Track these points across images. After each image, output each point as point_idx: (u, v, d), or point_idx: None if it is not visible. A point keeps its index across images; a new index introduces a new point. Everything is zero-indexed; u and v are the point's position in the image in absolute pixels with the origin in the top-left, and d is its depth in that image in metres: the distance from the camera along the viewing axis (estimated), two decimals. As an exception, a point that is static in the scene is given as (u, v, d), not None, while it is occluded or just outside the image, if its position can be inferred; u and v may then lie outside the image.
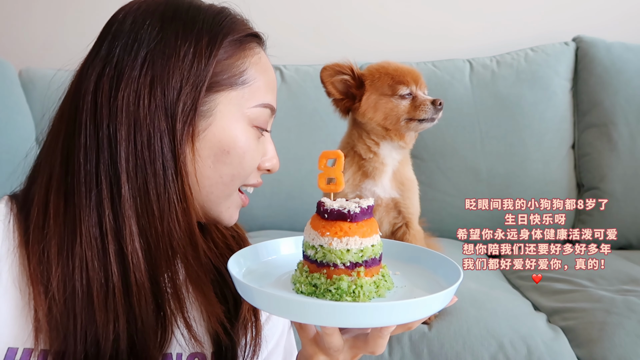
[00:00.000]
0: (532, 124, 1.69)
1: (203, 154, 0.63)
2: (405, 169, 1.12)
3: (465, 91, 1.74)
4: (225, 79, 0.64)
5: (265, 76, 0.68)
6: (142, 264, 0.61)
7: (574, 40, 1.81)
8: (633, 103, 1.66)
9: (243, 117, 0.65)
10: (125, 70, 0.60)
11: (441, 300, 0.53)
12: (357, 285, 0.53)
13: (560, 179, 1.70)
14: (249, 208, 0.75)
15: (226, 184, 0.66)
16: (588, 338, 1.04)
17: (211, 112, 0.63)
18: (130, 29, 0.62)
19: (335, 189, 0.56)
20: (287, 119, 1.74)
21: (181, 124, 0.61)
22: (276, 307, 0.52)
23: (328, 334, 0.56)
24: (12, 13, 2.03)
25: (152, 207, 0.61)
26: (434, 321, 1.06)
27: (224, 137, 0.64)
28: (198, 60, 0.62)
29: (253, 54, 0.67)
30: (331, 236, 0.54)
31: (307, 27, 2.00)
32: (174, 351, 0.69)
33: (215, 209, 0.67)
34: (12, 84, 1.66)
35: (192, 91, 0.61)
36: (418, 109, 1.05)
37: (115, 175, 0.60)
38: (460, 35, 1.98)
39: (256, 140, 0.67)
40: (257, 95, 0.66)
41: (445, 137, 1.71)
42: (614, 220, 1.63)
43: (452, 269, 0.60)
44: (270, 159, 0.71)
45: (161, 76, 0.61)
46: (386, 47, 1.97)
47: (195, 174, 0.63)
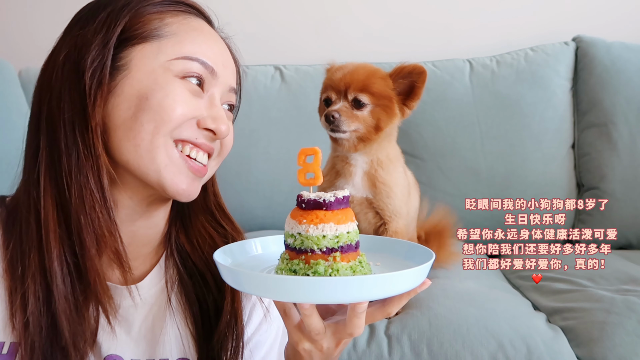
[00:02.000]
0: (532, 124, 1.69)
1: (123, 107, 0.64)
2: (382, 171, 1.11)
3: (465, 91, 1.74)
4: (140, 33, 0.66)
5: (193, 34, 0.68)
6: (52, 225, 0.63)
7: (574, 40, 1.81)
8: (633, 103, 1.66)
9: (163, 68, 0.65)
10: (55, 49, 0.67)
11: (411, 277, 0.55)
12: (334, 269, 0.56)
13: (560, 179, 1.70)
14: (248, 208, 0.75)
15: (149, 132, 0.64)
16: (588, 338, 1.04)
17: (127, 66, 0.65)
18: (73, 18, 0.68)
19: (313, 182, 0.59)
20: (287, 119, 1.74)
21: (89, 79, 0.63)
22: (253, 286, 0.55)
23: (306, 315, 0.56)
24: (12, 13, 2.04)
25: (62, 163, 0.63)
26: (434, 319, 1.05)
27: (141, 85, 0.64)
28: (109, 20, 0.65)
29: (179, 15, 0.69)
30: (307, 223, 0.57)
31: (307, 27, 2.00)
32: (159, 357, 0.70)
33: (151, 168, 0.65)
34: (12, 84, 1.66)
35: (99, 45, 0.64)
36: (321, 115, 1.08)
37: (38, 147, 0.65)
38: (460, 35, 1.98)
39: (187, 91, 0.66)
40: (179, 47, 0.66)
41: (445, 137, 1.71)
42: (614, 220, 1.63)
43: (425, 254, 0.62)
44: (214, 119, 0.68)
45: (76, 42, 0.65)
46: (386, 47, 1.97)
47: (115, 128, 0.65)
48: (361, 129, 1.06)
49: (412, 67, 1.07)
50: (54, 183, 0.63)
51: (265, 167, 1.72)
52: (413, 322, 1.05)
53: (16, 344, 0.63)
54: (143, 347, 0.71)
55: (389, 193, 1.11)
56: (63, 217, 0.63)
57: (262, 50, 1.93)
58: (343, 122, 1.04)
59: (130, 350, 0.70)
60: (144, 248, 0.74)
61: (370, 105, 1.06)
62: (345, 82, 1.06)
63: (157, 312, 0.72)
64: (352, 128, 1.05)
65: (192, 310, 0.72)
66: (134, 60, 0.65)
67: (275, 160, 1.72)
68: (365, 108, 1.06)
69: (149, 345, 0.71)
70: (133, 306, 0.71)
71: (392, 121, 1.09)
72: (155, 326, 0.71)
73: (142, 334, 0.71)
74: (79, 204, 0.62)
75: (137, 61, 0.65)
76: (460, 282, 1.22)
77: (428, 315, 1.06)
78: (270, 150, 1.73)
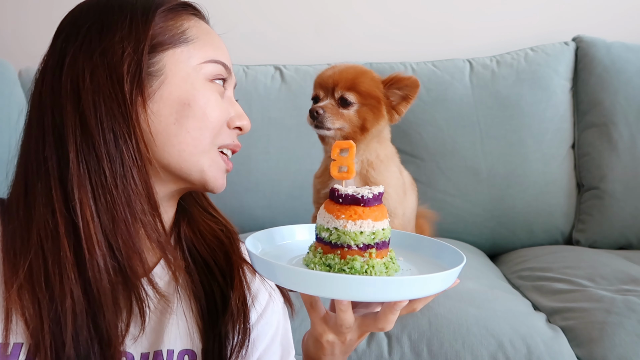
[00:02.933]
0: (532, 124, 1.69)
1: (164, 112, 0.65)
2: (373, 172, 1.11)
3: (465, 91, 1.74)
4: (168, 38, 0.66)
5: (209, 37, 0.70)
6: (94, 235, 0.61)
7: (574, 40, 1.81)
8: (633, 103, 1.65)
9: (196, 72, 0.67)
10: (67, 55, 0.63)
11: (447, 278, 0.56)
12: (369, 265, 0.57)
13: (560, 178, 1.70)
14: (248, 208, 0.75)
15: (196, 138, 0.66)
16: (588, 338, 1.04)
17: (162, 71, 0.65)
18: (70, 21, 0.66)
19: (347, 176, 0.60)
20: (287, 119, 1.74)
21: (129, 86, 0.62)
22: (296, 282, 0.55)
23: (342, 309, 0.58)
24: (12, 13, 2.04)
25: (104, 172, 0.62)
26: (434, 319, 1.05)
27: (181, 91, 0.65)
28: (135, 26, 0.64)
29: (190, 18, 0.70)
30: (346, 219, 0.58)
31: (307, 27, 2.00)
32: (164, 348, 0.70)
33: (194, 169, 0.67)
34: (12, 84, 1.66)
35: (134, 53, 0.63)
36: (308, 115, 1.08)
37: (63, 153, 0.62)
38: (460, 35, 1.98)
39: (217, 94, 0.68)
40: (205, 51, 0.68)
41: (445, 137, 1.71)
42: (614, 220, 1.63)
43: (454, 255, 0.63)
44: (239, 116, 0.71)
45: (102, 49, 0.63)
46: (386, 47, 1.97)
47: (157, 133, 0.64)
48: (346, 127, 1.06)
49: (407, 80, 1.07)
50: (91, 194, 0.62)
51: (265, 167, 1.72)
52: (413, 322, 1.05)
53: (19, 345, 0.62)
54: (151, 338, 0.71)
55: (387, 195, 1.11)
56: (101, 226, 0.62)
57: (262, 50, 1.93)
58: (327, 119, 1.04)
59: (139, 342, 0.70)
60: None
61: (357, 104, 1.06)
62: (334, 80, 1.06)
63: (164, 303, 0.72)
64: (337, 126, 1.05)
65: (199, 299, 0.73)
66: (168, 65, 0.65)
67: (275, 160, 1.72)
68: (352, 107, 1.06)
69: (157, 336, 0.71)
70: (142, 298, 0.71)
71: (378, 123, 1.08)
72: (162, 317, 0.71)
73: (150, 325, 0.71)
74: (128, 212, 0.62)
75: (172, 66, 0.65)
76: (460, 282, 1.21)
77: (428, 315, 1.06)
78: (270, 150, 1.73)
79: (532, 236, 1.69)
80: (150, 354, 0.70)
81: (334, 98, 1.06)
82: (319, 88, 1.09)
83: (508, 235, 1.69)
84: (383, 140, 1.15)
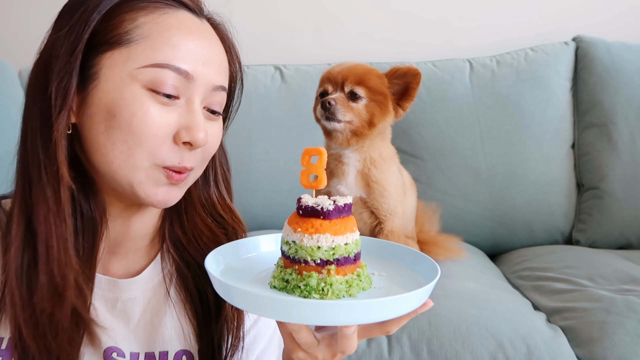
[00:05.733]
0: (532, 124, 1.69)
1: (96, 120, 0.62)
2: (375, 171, 1.12)
3: (465, 91, 1.74)
4: (108, 39, 0.61)
5: (166, 35, 0.62)
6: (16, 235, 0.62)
7: (574, 40, 1.81)
8: (633, 103, 1.65)
9: (131, 79, 0.60)
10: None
11: (408, 301, 0.50)
12: (327, 283, 0.53)
13: (560, 178, 1.69)
14: (248, 208, 0.75)
15: (123, 152, 0.61)
16: (588, 338, 1.04)
17: (97, 75, 0.61)
18: (55, 18, 0.66)
19: (316, 185, 0.56)
20: (287, 119, 1.74)
21: (55, 89, 0.59)
22: (235, 299, 0.52)
23: (295, 330, 0.55)
24: (12, 13, 2.04)
25: (26, 174, 0.62)
26: (434, 319, 1.05)
27: (108, 99, 0.60)
28: (81, 23, 0.61)
29: (157, 11, 0.63)
30: (302, 232, 0.54)
31: (307, 27, 2.00)
32: (157, 350, 0.70)
33: (124, 183, 0.63)
34: (11, 84, 1.65)
35: (67, 53, 0.60)
36: (316, 109, 1.10)
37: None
38: (460, 35, 1.98)
39: (156, 105, 0.61)
40: (148, 53, 0.60)
41: (445, 137, 1.71)
42: (614, 220, 1.63)
43: (431, 268, 0.58)
44: (189, 129, 0.62)
45: (47, 47, 0.63)
46: (386, 47, 1.97)
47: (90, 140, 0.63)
48: (355, 121, 1.07)
49: (406, 69, 1.10)
50: (21, 192, 0.62)
51: (265, 167, 1.72)
52: (413, 322, 1.05)
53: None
54: (142, 340, 0.71)
55: (383, 192, 1.12)
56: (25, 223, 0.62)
57: (262, 50, 1.93)
58: (339, 110, 1.06)
59: (129, 343, 0.70)
60: (141, 241, 0.75)
61: (366, 99, 1.08)
62: (343, 75, 1.08)
63: (155, 305, 0.72)
64: (347, 118, 1.07)
65: (192, 302, 0.72)
66: (103, 69, 0.61)
67: (275, 160, 1.72)
68: (361, 101, 1.08)
69: (149, 338, 0.71)
70: (132, 299, 0.71)
71: (385, 118, 1.10)
72: (154, 319, 0.72)
73: (141, 327, 0.71)
74: (38, 213, 0.61)
75: (106, 70, 0.61)
76: (460, 282, 1.22)
77: (428, 315, 1.06)
78: (270, 150, 1.73)
79: (532, 236, 1.69)
80: (140, 354, 0.70)
81: (343, 92, 1.09)
82: (327, 83, 1.11)
83: (508, 235, 1.69)
84: (386, 139, 1.16)
